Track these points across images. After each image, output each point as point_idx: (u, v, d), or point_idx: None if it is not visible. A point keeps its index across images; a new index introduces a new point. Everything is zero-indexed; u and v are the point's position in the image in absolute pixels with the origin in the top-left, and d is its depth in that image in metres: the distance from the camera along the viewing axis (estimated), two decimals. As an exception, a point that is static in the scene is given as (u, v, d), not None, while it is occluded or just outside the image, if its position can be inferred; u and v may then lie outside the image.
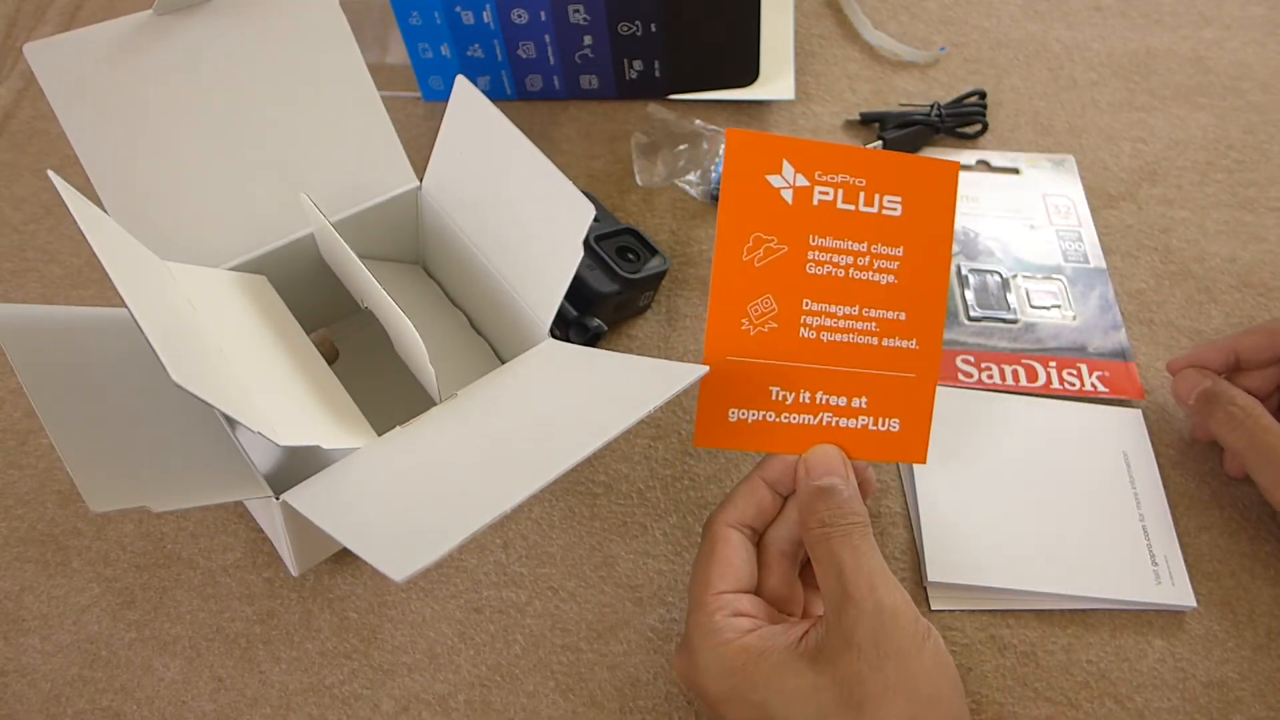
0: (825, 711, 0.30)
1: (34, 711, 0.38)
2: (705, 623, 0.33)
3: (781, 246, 0.35)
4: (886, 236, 0.35)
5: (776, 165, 0.35)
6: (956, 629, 0.40)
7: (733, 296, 0.35)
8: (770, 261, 0.35)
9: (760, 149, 0.35)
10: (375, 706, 0.38)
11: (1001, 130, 0.60)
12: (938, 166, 0.36)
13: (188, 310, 0.35)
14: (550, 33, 0.55)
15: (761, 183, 0.35)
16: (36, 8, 0.65)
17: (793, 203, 0.35)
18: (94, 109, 0.37)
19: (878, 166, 0.35)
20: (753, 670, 0.31)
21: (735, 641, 0.32)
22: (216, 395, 0.28)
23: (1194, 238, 0.55)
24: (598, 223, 0.49)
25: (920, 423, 0.36)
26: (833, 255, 0.35)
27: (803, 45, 0.64)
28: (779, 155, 0.35)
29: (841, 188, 0.35)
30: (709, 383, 0.35)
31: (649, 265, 0.48)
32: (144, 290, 0.31)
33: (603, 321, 0.45)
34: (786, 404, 0.36)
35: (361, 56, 0.42)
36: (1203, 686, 0.39)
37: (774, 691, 0.31)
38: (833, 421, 0.36)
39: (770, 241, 0.35)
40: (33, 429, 0.45)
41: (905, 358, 0.36)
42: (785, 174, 0.35)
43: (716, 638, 0.32)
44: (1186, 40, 0.66)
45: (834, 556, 0.32)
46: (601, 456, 0.45)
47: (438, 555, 0.27)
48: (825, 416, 0.36)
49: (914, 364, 0.36)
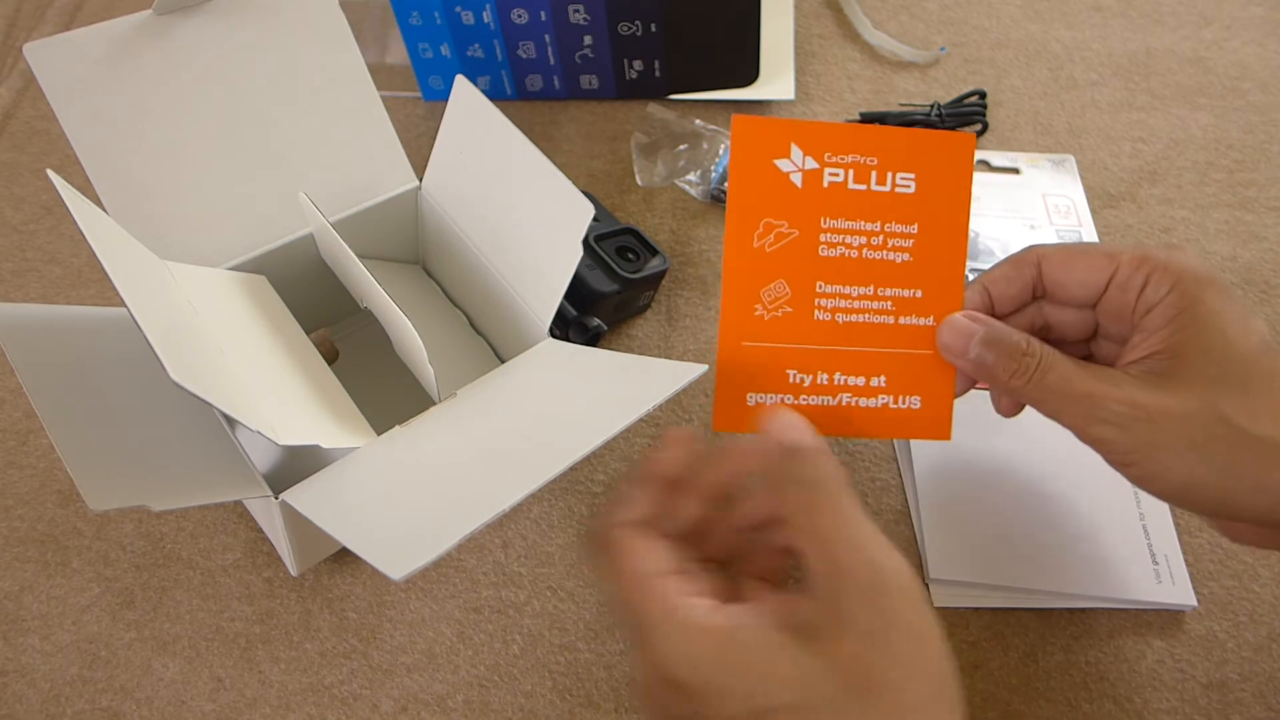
0: (830, 700, 0.25)
1: (34, 711, 0.38)
2: (659, 609, 0.28)
3: (792, 231, 0.35)
4: (900, 214, 0.35)
5: (784, 149, 0.35)
6: (961, 627, 0.40)
7: (745, 283, 0.35)
8: (781, 246, 0.35)
9: (767, 133, 0.34)
10: (374, 706, 0.38)
11: (1001, 130, 0.60)
12: (952, 139, 0.35)
13: (187, 309, 0.35)
14: (550, 33, 0.55)
15: (770, 167, 0.34)
16: (36, 8, 0.65)
17: (802, 186, 0.35)
18: (94, 108, 0.37)
19: (889, 144, 0.35)
20: (731, 656, 0.27)
21: (702, 621, 0.27)
22: (215, 394, 0.28)
23: (1194, 237, 0.55)
24: (598, 222, 0.49)
25: (942, 399, 0.36)
26: (845, 236, 0.35)
27: (803, 45, 0.64)
28: (786, 139, 0.34)
29: (852, 168, 0.35)
30: (725, 368, 0.35)
31: (649, 265, 0.48)
32: (143, 289, 0.31)
33: (602, 321, 0.45)
34: (804, 386, 0.36)
35: (361, 56, 0.42)
36: (1202, 687, 0.39)
37: (763, 679, 0.26)
38: (852, 401, 0.36)
39: (780, 226, 0.35)
40: (33, 429, 0.45)
41: (923, 335, 0.36)
42: (794, 157, 0.35)
43: (680, 617, 0.27)
44: (1186, 40, 0.66)
45: (818, 527, 0.28)
46: (601, 456, 0.45)
47: (436, 555, 0.26)
48: (844, 397, 0.36)
49: (932, 341, 0.36)
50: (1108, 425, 0.32)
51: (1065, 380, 0.33)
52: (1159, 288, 0.33)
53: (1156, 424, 0.31)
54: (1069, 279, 0.35)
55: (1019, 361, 0.34)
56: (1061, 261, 0.35)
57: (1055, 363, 0.33)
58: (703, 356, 0.48)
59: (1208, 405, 0.31)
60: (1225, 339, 0.31)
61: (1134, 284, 0.33)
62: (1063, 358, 0.33)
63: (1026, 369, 0.34)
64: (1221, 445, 0.30)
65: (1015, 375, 0.34)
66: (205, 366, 0.31)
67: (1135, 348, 0.33)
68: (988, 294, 0.36)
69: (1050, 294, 0.36)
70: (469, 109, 0.40)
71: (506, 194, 0.40)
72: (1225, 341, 0.31)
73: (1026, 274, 0.36)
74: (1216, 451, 0.30)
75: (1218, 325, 0.32)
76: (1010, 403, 0.38)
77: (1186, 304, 0.32)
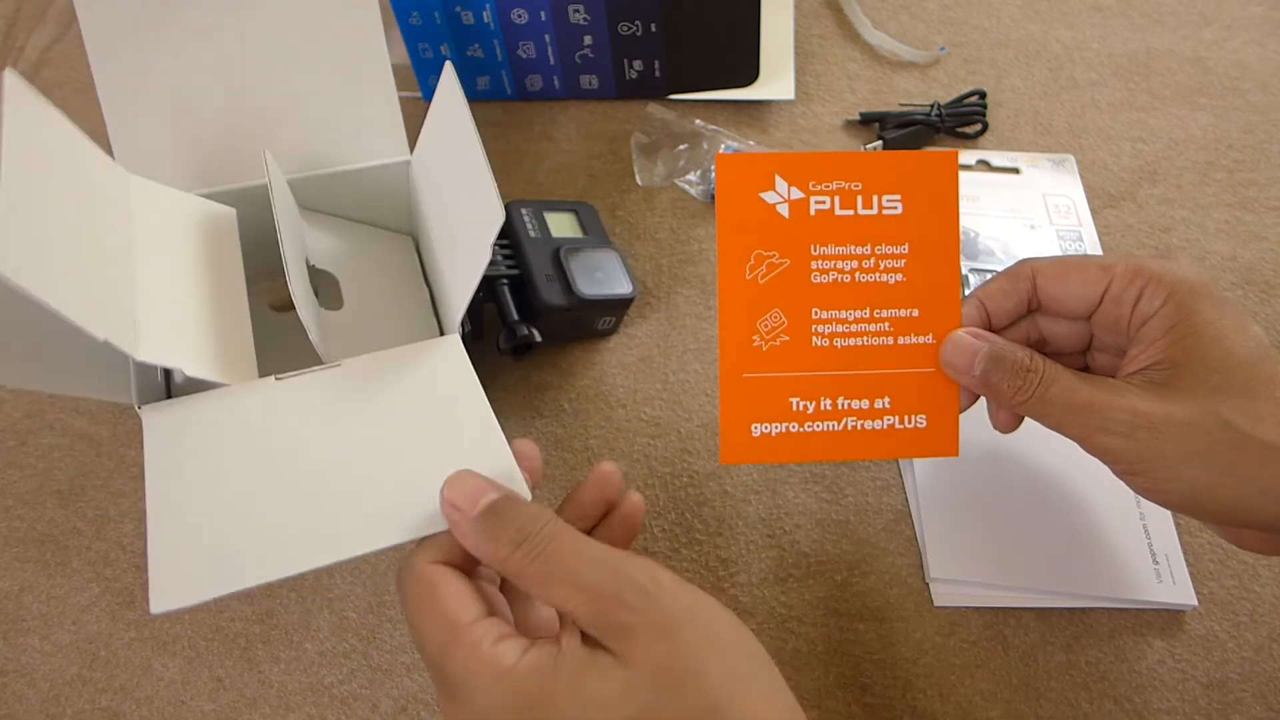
0: (649, 705, 0.26)
1: (33, 711, 0.38)
2: (472, 657, 0.27)
3: (784, 260, 0.35)
4: (889, 236, 0.35)
5: (769, 182, 0.35)
6: (962, 626, 0.40)
7: (741, 316, 0.35)
8: (774, 276, 0.35)
9: (750, 168, 0.35)
10: (374, 706, 0.38)
11: (1001, 130, 0.60)
12: (934, 158, 0.36)
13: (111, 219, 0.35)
14: (550, 33, 0.55)
15: (756, 201, 0.35)
16: (37, 8, 0.65)
17: (790, 216, 0.35)
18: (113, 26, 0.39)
19: (872, 168, 0.35)
20: (552, 688, 0.26)
21: (517, 666, 0.27)
22: (57, 294, 0.29)
23: (1194, 237, 0.55)
24: (585, 235, 0.49)
25: (947, 415, 0.36)
26: (836, 262, 0.35)
27: (803, 45, 0.64)
28: (770, 171, 0.35)
29: (838, 194, 0.35)
30: (729, 401, 0.35)
31: (613, 288, 0.46)
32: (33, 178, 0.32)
33: (545, 334, 0.44)
34: (808, 413, 0.36)
35: (379, 17, 0.43)
36: (1203, 687, 0.39)
37: (584, 702, 0.26)
38: (857, 425, 0.36)
39: (771, 257, 0.35)
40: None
41: (923, 353, 0.36)
42: (779, 189, 0.35)
43: (493, 668, 0.27)
44: (1186, 40, 0.66)
45: (554, 571, 0.27)
46: (600, 455, 0.45)
47: (204, 598, 0.29)
48: (849, 421, 0.36)
49: (933, 358, 0.36)
50: (1112, 435, 0.32)
51: (1068, 392, 0.33)
52: (1153, 300, 0.33)
53: (1160, 432, 0.31)
54: (1064, 293, 0.35)
55: (1023, 378, 0.34)
56: (1056, 275, 0.36)
57: (1058, 376, 0.33)
58: (702, 355, 0.48)
59: (1210, 412, 0.31)
60: (1223, 347, 0.32)
61: (1128, 297, 0.34)
62: (1064, 371, 0.34)
63: (1030, 384, 0.34)
64: (1226, 451, 0.30)
65: (1019, 391, 0.34)
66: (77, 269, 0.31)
67: (1134, 359, 0.33)
68: (984, 309, 0.36)
69: (1045, 307, 0.36)
70: (447, 97, 0.40)
71: (452, 186, 0.41)
72: (1224, 350, 0.32)
73: (1022, 288, 0.36)
74: (1221, 458, 0.30)
75: (1215, 335, 0.32)
76: (1008, 417, 0.37)
77: (1182, 315, 0.32)
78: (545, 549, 0.28)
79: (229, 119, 0.42)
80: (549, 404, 0.47)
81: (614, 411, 0.46)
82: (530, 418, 0.46)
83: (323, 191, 0.44)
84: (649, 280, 0.51)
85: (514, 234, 0.46)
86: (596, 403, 0.47)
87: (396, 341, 0.39)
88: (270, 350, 0.40)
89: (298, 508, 0.32)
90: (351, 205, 0.46)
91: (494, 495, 0.29)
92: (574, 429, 0.46)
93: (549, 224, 0.48)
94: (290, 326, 0.44)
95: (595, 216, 0.51)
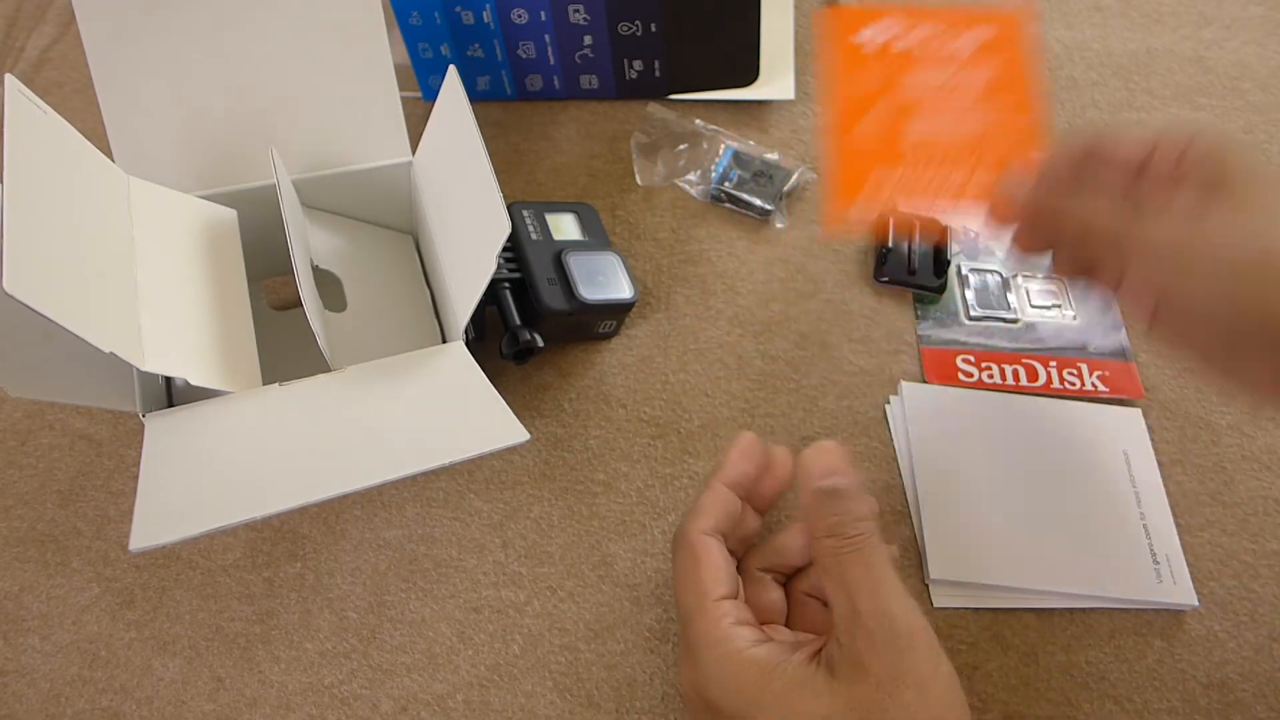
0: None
1: (34, 711, 0.38)
2: (710, 631, 0.31)
3: (879, 82, 0.42)
4: (972, 63, 0.42)
5: (859, 28, 0.43)
6: (961, 627, 0.40)
7: (845, 118, 0.42)
8: (870, 92, 0.42)
9: (843, 18, 0.43)
10: (374, 706, 0.38)
11: (1001, 130, 0.60)
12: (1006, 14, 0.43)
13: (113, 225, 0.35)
14: (550, 33, 0.55)
15: (848, 44, 0.43)
16: (36, 8, 0.65)
17: (881, 53, 0.42)
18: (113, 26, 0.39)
19: (954, 14, 0.43)
20: (766, 686, 0.30)
21: (745, 652, 0.31)
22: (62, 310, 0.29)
23: (1194, 237, 0.55)
24: (587, 238, 0.49)
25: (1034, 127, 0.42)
26: (925, 81, 0.42)
27: (802, 45, 0.64)
28: (861, 22, 0.43)
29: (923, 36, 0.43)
30: (835, 176, 0.41)
31: (614, 293, 0.46)
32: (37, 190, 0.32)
33: (547, 338, 0.44)
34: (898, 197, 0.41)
35: (382, 17, 0.43)
36: (1203, 687, 0.39)
37: (791, 712, 0.29)
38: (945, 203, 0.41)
39: (868, 81, 0.42)
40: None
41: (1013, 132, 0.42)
42: (871, 31, 0.43)
43: (725, 646, 0.31)
44: (1186, 40, 0.66)
45: (844, 574, 0.31)
46: (600, 455, 0.45)
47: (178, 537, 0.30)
48: (938, 204, 0.41)
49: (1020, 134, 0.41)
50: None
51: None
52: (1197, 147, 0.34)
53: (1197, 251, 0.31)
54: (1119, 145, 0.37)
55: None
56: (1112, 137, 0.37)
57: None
58: (702, 355, 0.48)
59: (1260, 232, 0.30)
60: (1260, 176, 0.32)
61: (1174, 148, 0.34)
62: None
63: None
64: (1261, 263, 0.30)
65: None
66: (83, 282, 0.32)
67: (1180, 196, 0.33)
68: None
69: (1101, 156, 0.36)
70: (451, 100, 0.40)
71: (456, 192, 0.40)
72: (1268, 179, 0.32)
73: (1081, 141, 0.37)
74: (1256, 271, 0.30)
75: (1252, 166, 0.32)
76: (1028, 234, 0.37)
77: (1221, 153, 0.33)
78: (842, 553, 0.31)
79: (229, 119, 0.42)
80: (549, 404, 0.47)
81: (614, 411, 0.46)
82: (530, 418, 0.46)
83: (324, 191, 0.44)
84: (649, 280, 0.51)
85: (516, 236, 0.46)
86: (596, 403, 0.47)
87: (399, 345, 0.39)
88: (271, 349, 0.40)
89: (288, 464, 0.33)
90: (352, 205, 0.46)
91: (841, 480, 0.32)
92: (574, 429, 0.46)
93: (550, 226, 0.48)
94: (291, 325, 0.44)
95: (596, 217, 0.51)
